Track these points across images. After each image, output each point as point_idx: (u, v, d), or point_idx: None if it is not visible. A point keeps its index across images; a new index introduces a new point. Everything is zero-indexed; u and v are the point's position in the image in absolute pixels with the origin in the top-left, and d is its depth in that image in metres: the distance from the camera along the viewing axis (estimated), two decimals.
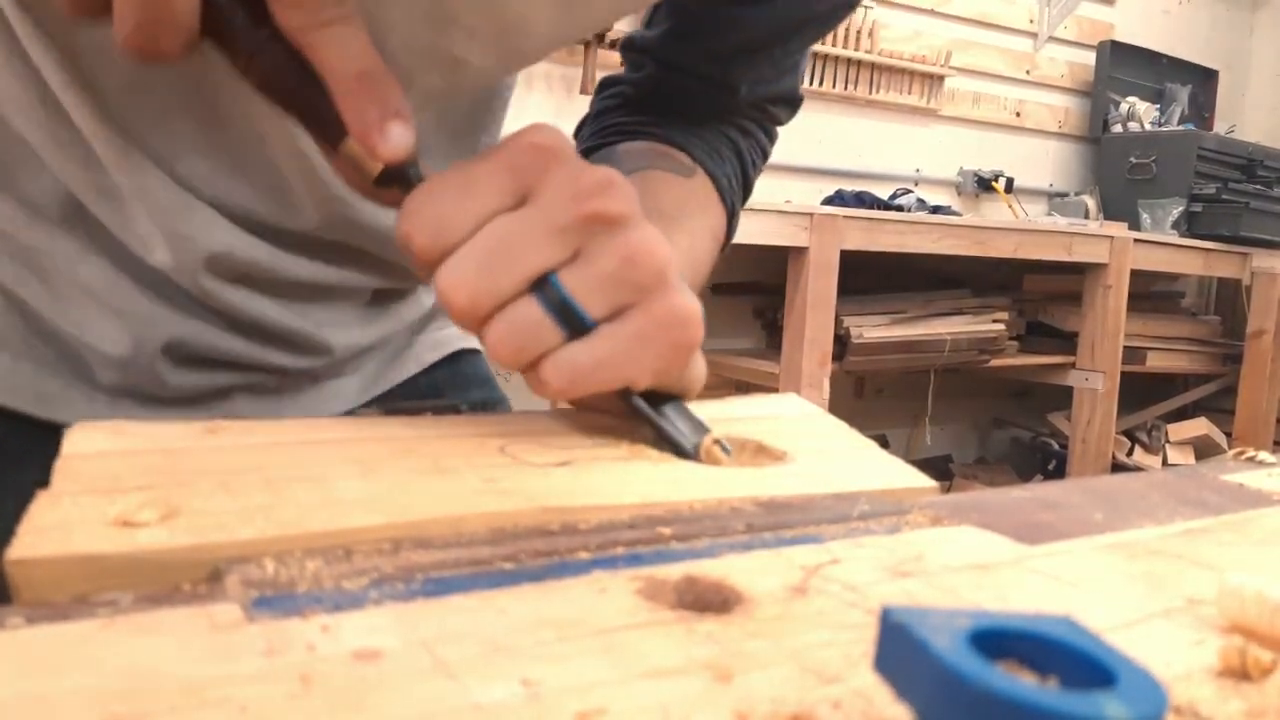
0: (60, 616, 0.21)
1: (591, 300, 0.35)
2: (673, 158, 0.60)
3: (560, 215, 0.35)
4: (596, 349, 0.36)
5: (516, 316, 0.35)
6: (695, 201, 0.59)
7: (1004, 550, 0.31)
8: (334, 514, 0.28)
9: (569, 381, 0.36)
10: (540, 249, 0.35)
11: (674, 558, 0.28)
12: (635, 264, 0.35)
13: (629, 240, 0.36)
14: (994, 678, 0.16)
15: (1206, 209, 3.31)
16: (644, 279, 0.36)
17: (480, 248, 0.34)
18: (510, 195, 0.35)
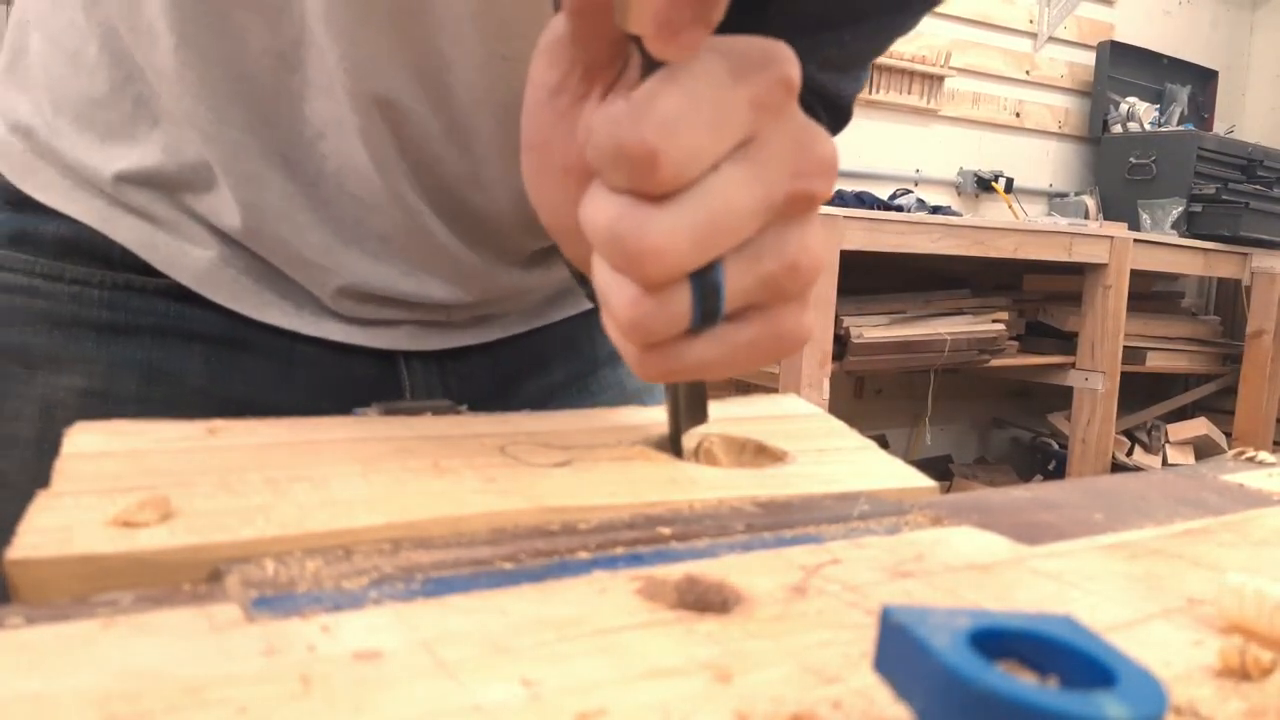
0: (60, 616, 0.21)
1: (736, 299, 0.32)
2: None
3: (777, 187, 0.32)
4: (710, 350, 0.33)
5: (671, 300, 0.31)
6: None
7: (1004, 550, 0.31)
8: (334, 514, 0.28)
9: (666, 374, 0.34)
10: (746, 227, 0.31)
11: (674, 558, 0.28)
12: (797, 273, 0.33)
13: (805, 241, 0.33)
14: (994, 678, 0.16)
15: (1206, 209, 3.31)
16: (793, 290, 0.33)
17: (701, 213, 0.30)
18: (744, 135, 0.31)
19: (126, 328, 0.53)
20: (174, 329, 0.54)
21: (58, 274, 0.53)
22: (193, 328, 0.54)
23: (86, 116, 0.52)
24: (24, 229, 0.54)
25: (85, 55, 0.52)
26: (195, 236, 0.53)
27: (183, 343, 0.54)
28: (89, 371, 0.53)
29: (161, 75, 0.49)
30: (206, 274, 0.53)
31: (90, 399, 0.53)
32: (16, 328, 0.53)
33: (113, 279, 0.53)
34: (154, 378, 0.53)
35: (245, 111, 0.50)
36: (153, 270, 0.53)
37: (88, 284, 0.53)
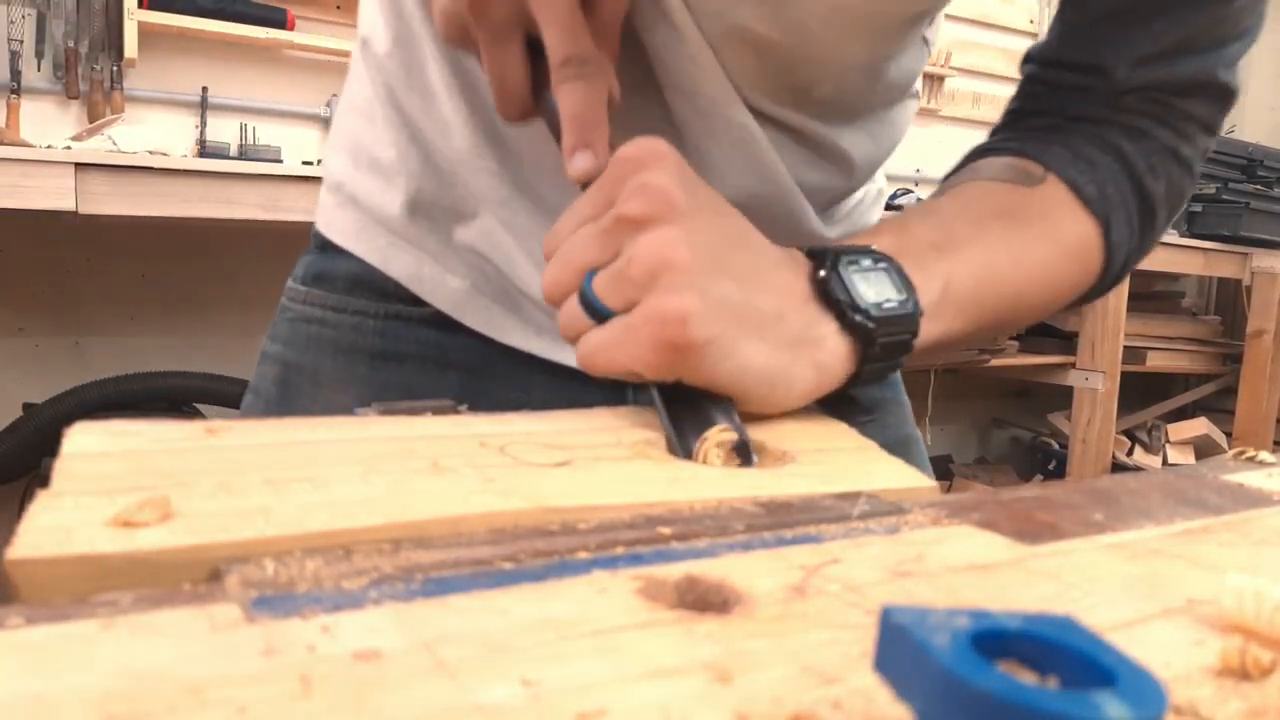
0: (60, 616, 0.21)
1: (607, 294, 0.42)
2: (1018, 168, 0.56)
3: (605, 220, 0.43)
4: (599, 336, 0.42)
5: (570, 307, 0.44)
6: (1027, 210, 0.54)
7: (1004, 550, 0.31)
8: (334, 514, 0.28)
9: (587, 358, 0.42)
10: (587, 250, 0.43)
11: (674, 558, 0.28)
12: (633, 264, 0.40)
13: (639, 241, 0.41)
14: (994, 678, 0.16)
15: (1206, 209, 3.31)
16: (640, 278, 0.40)
17: (561, 252, 0.44)
18: (600, 206, 0.44)
19: (394, 355, 0.62)
20: (433, 357, 0.62)
21: (344, 307, 0.64)
22: (449, 356, 0.62)
23: (373, 162, 0.63)
24: (323, 269, 0.65)
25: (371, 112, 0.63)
26: (455, 267, 0.62)
27: (440, 370, 0.62)
28: (361, 393, 0.62)
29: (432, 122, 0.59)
30: (463, 302, 0.62)
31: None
32: (311, 353, 0.64)
33: (385, 309, 0.63)
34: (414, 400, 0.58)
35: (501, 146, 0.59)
36: (419, 301, 0.62)
37: (365, 314, 0.63)
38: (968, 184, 0.56)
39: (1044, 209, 0.55)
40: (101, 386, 2.34)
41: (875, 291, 0.45)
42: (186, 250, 2.69)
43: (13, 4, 2.35)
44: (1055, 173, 0.55)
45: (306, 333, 0.64)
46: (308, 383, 0.63)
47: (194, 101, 2.65)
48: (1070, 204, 0.55)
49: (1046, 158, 0.56)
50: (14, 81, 2.34)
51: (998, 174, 0.56)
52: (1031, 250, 0.54)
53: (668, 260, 0.40)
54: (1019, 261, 0.53)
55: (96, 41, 2.42)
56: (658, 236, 0.41)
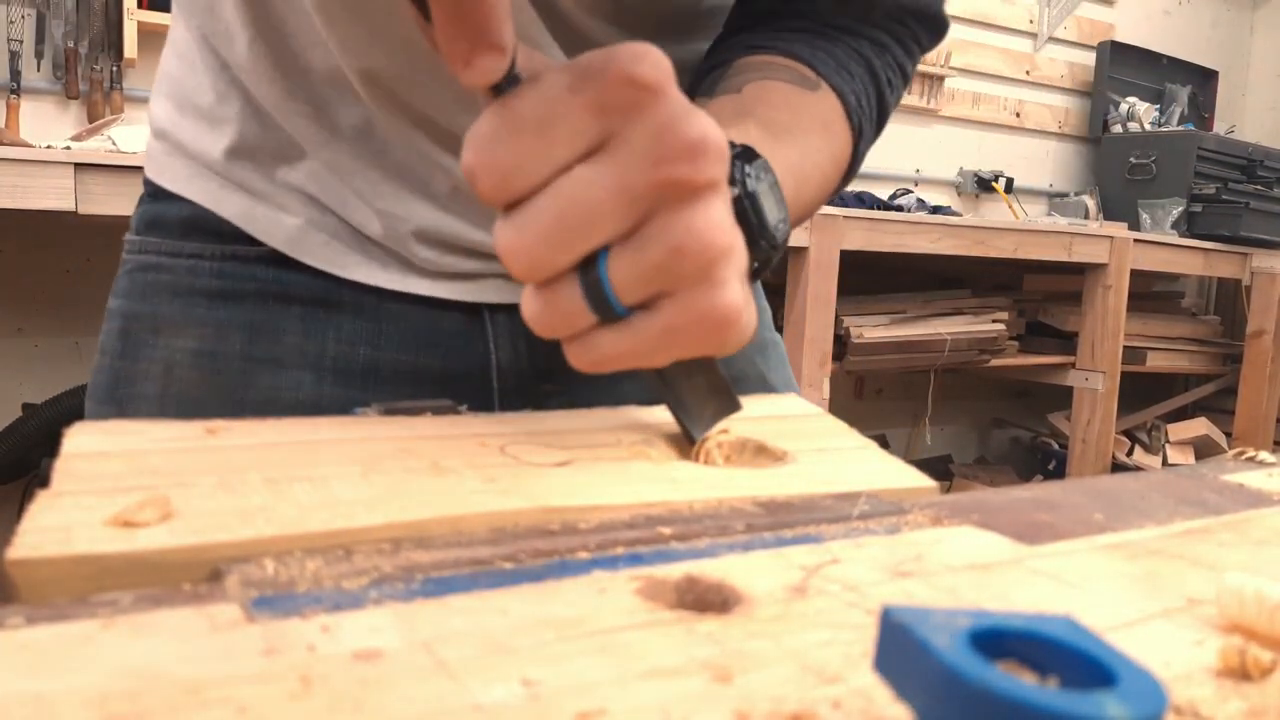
0: (60, 616, 0.21)
1: (628, 290, 0.33)
2: (795, 70, 0.56)
3: (637, 177, 0.32)
4: (623, 341, 0.34)
5: (556, 297, 0.33)
6: (814, 116, 0.54)
7: (1004, 550, 0.31)
8: (334, 514, 0.28)
9: (592, 365, 0.35)
10: (606, 220, 0.32)
11: (674, 558, 0.28)
12: (684, 256, 0.32)
13: (691, 224, 0.32)
14: (994, 678, 0.16)
15: (1206, 209, 3.31)
16: (690, 271, 0.33)
17: (547, 212, 0.32)
18: (592, 139, 0.32)
19: (232, 294, 0.60)
20: (273, 293, 0.60)
21: (179, 251, 0.62)
22: (290, 291, 0.60)
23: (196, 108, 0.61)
24: (157, 215, 0.63)
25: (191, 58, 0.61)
26: (288, 206, 0.60)
27: (282, 305, 0.60)
28: (200, 334, 0.60)
29: (241, 67, 0.57)
30: (298, 239, 0.60)
31: (201, 358, 0.60)
32: (149, 300, 0.62)
33: (221, 251, 0.61)
34: (257, 337, 0.60)
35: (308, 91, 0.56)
36: (254, 240, 0.60)
37: (201, 257, 0.61)
38: (765, 81, 0.55)
39: (826, 117, 0.55)
40: None
41: (772, 210, 0.40)
42: None
43: (13, 4, 2.35)
44: (826, 81, 0.56)
45: (144, 281, 0.63)
46: (147, 330, 0.62)
47: None
48: (839, 114, 0.56)
49: (817, 64, 0.56)
50: (14, 81, 2.34)
51: (780, 74, 0.55)
52: (819, 155, 0.54)
53: (726, 249, 0.33)
54: (812, 166, 0.53)
55: (96, 41, 2.42)
56: (709, 215, 0.33)
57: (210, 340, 0.60)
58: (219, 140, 0.60)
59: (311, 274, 0.60)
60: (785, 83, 0.55)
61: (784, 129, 0.51)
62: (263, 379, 0.59)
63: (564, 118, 0.32)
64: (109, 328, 0.64)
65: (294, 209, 0.60)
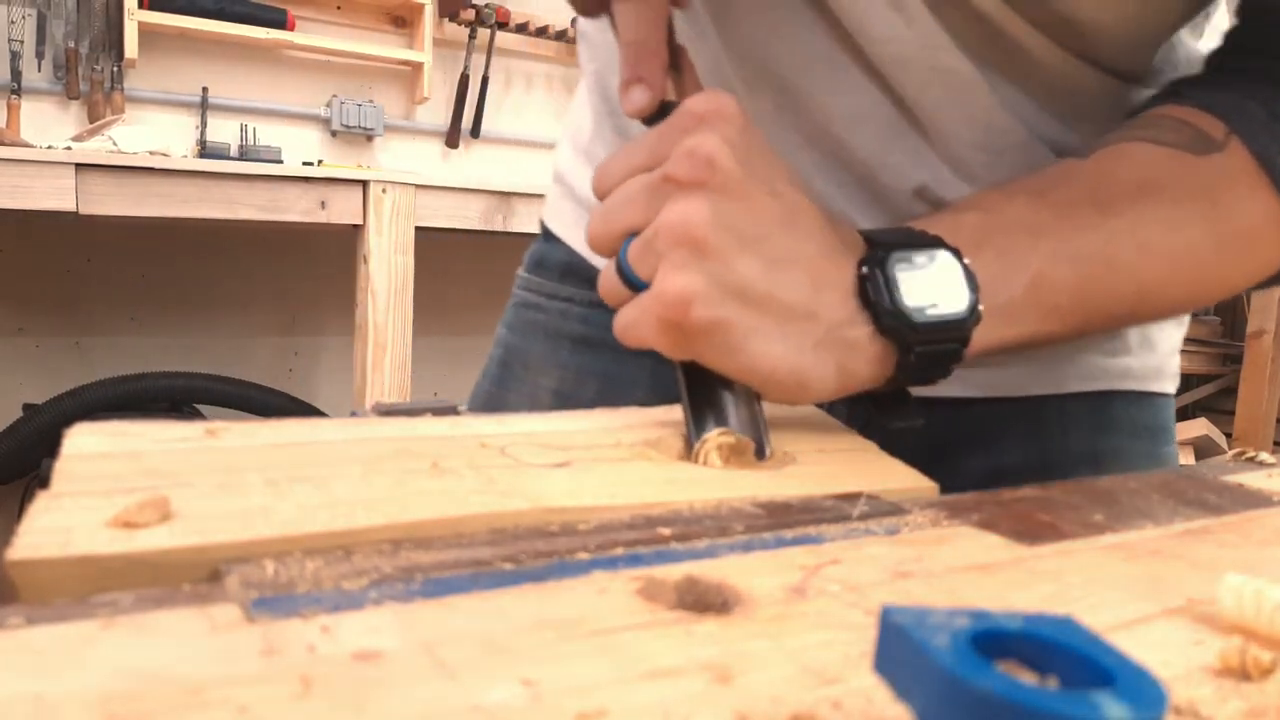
0: (60, 616, 0.21)
1: (637, 264, 0.40)
2: (1193, 128, 0.45)
3: (654, 178, 0.40)
4: (627, 312, 0.40)
5: (608, 270, 0.42)
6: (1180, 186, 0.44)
7: (1004, 550, 0.31)
8: (334, 514, 0.28)
9: (619, 333, 0.41)
10: (632, 209, 0.40)
11: (674, 558, 0.28)
12: (658, 235, 0.38)
13: (671, 210, 0.38)
14: (994, 678, 0.16)
15: None
16: (661, 250, 0.38)
17: (607, 205, 0.41)
18: (655, 158, 0.40)
19: (593, 341, 0.64)
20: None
21: (555, 293, 0.66)
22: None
23: (579, 146, 0.65)
24: (543, 256, 0.68)
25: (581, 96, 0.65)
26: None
27: (635, 358, 0.61)
28: (560, 376, 0.64)
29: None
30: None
31: (558, 398, 0.64)
32: (525, 336, 0.67)
33: (590, 297, 0.64)
34: (608, 386, 0.63)
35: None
36: None
37: (572, 301, 0.65)
38: (1118, 145, 0.46)
39: (1211, 183, 0.44)
40: (101, 387, 2.34)
41: (923, 293, 0.40)
42: (186, 250, 2.69)
43: (13, 4, 2.35)
44: (1241, 137, 0.44)
45: (524, 318, 0.67)
46: (520, 365, 0.66)
47: (194, 102, 2.65)
48: (1251, 177, 0.44)
49: (1234, 117, 0.44)
50: (14, 82, 2.34)
51: (1162, 135, 0.45)
52: (1174, 236, 0.44)
53: (687, 234, 0.38)
54: (1150, 250, 0.43)
55: (97, 42, 2.42)
56: (686, 206, 0.38)
57: (569, 383, 0.63)
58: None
59: None
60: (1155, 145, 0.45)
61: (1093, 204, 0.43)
62: None
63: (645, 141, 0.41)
64: (494, 354, 0.70)
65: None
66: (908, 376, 0.41)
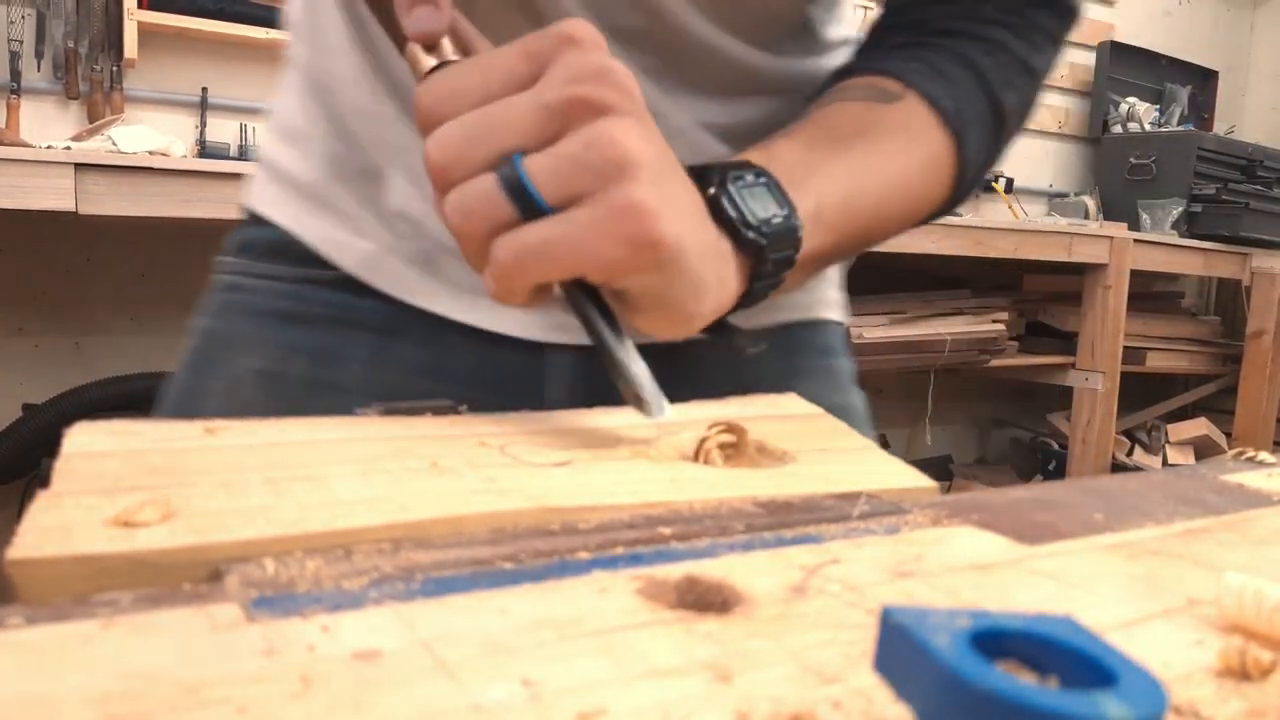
0: (60, 616, 0.21)
1: (547, 183, 0.36)
2: (876, 86, 0.55)
3: (550, 96, 0.37)
4: (545, 231, 0.36)
5: (472, 188, 0.37)
6: (885, 127, 0.53)
7: (1004, 550, 0.31)
8: (334, 514, 0.28)
9: (514, 259, 0.37)
10: (520, 126, 0.37)
11: (674, 558, 0.28)
12: (596, 149, 0.36)
13: (600, 128, 0.36)
14: (994, 678, 0.16)
15: (1206, 209, 3.31)
16: (603, 166, 0.36)
17: (471, 118, 0.37)
18: (522, 79, 0.38)
19: (303, 316, 0.61)
20: (342, 318, 0.61)
21: (261, 273, 0.63)
22: (357, 317, 0.60)
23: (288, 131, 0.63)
24: (249, 239, 0.65)
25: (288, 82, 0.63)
26: (366, 229, 0.60)
27: (348, 331, 0.60)
28: (267, 355, 0.60)
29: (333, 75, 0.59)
30: (372, 264, 0.60)
31: (265, 378, 0.60)
32: (227, 319, 0.63)
33: (297, 274, 0.62)
34: (321, 361, 0.60)
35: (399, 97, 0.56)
36: (329, 264, 0.61)
37: (280, 279, 0.62)
38: (827, 105, 0.55)
39: (902, 123, 0.54)
40: (101, 387, 2.34)
41: (761, 207, 0.44)
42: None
43: (13, 4, 2.35)
44: (914, 89, 0.54)
45: (225, 300, 0.64)
46: (221, 347, 0.63)
47: (194, 101, 2.65)
48: (927, 118, 0.55)
49: (905, 74, 0.55)
50: (14, 81, 2.34)
51: (855, 94, 0.55)
52: (889, 164, 0.53)
53: (637, 153, 0.36)
54: (878, 175, 0.52)
55: (96, 41, 2.42)
56: (625, 126, 0.37)
57: (276, 362, 0.60)
58: (309, 162, 0.62)
59: (381, 300, 0.60)
60: (856, 101, 0.54)
61: (837, 144, 0.51)
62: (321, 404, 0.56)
63: (500, 60, 0.38)
64: (189, 344, 0.65)
65: (372, 232, 0.60)
66: (760, 286, 0.45)
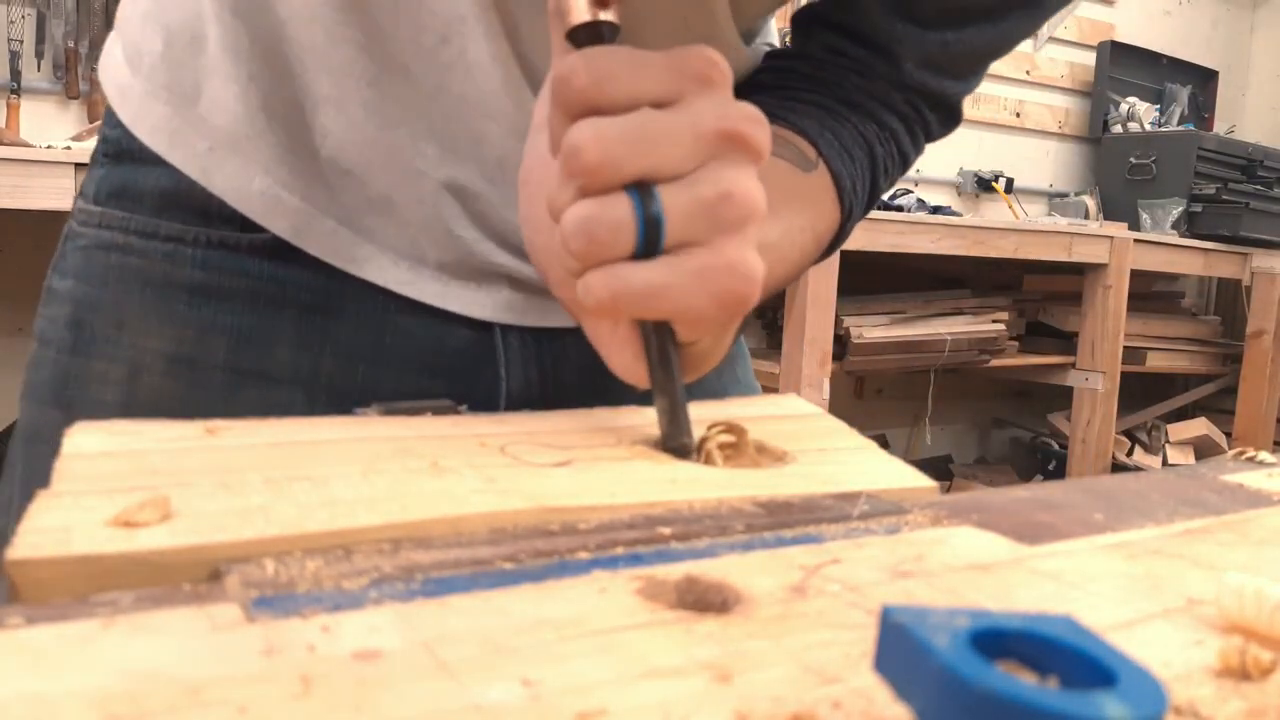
0: (60, 616, 0.21)
1: (676, 227, 0.35)
2: (798, 147, 0.54)
3: (705, 124, 0.35)
4: (652, 277, 0.35)
5: (608, 214, 0.34)
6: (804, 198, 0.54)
7: (1004, 550, 0.31)
8: (334, 514, 0.28)
9: (612, 298, 0.35)
10: (678, 147, 0.35)
11: (674, 558, 0.28)
12: (731, 202, 0.35)
13: (739, 177, 0.36)
14: (994, 678, 0.16)
15: (1206, 209, 3.31)
16: (731, 220, 0.35)
17: (632, 125, 0.35)
18: (670, 93, 0.36)
19: (218, 290, 0.52)
20: (267, 293, 0.52)
21: (153, 231, 0.52)
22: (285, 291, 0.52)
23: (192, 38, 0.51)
24: (125, 182, 0.53)
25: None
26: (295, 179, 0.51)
27: (275, 308, 0.52)
28: (177, 336, 0.51)
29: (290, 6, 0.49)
30: (303, 224, 0.51)
31: (177, 365, 0.52)
32: (110, 286, 0.52)
33: (208, 236, 0.52)
34: (244, 345, 0.52)
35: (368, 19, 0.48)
36: (248, 225, 0.51)
37: (182, 241, 0.52)
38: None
39: (815, 198, 0.54)
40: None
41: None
42: None
43: (13, 4, 2.35)
44: (826, 162, 0.54)
45: (105, 263, 0.53)
46: (109, 325, 0.52)
47: None
48: (831, 195, 0.55)
49: (820, 144, 0.55)
50: (14, 81, 2.34)
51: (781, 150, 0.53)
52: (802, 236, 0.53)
53: (755, 210, 0.36)
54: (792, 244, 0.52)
55: (96, 41, 2.42)
56: (749, 178, 0.36)
57: (189, 345, 0.52)
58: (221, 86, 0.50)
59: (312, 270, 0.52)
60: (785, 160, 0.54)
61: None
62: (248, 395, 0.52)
63: (657, 64, 0.36)
64: (53, 313, 0.55)
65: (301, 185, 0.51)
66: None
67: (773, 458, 0.39)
